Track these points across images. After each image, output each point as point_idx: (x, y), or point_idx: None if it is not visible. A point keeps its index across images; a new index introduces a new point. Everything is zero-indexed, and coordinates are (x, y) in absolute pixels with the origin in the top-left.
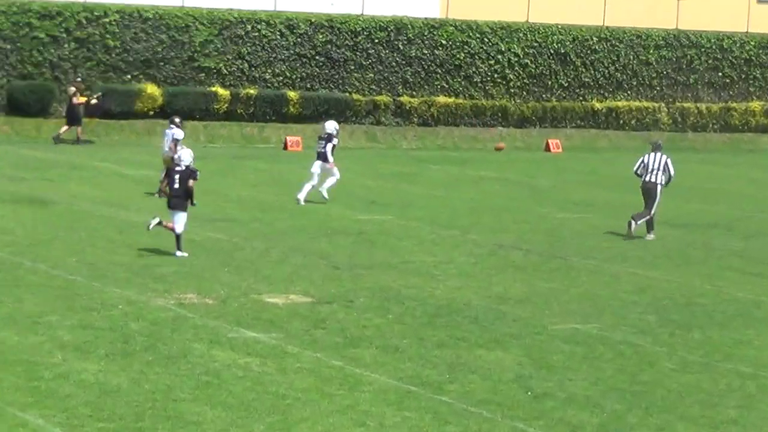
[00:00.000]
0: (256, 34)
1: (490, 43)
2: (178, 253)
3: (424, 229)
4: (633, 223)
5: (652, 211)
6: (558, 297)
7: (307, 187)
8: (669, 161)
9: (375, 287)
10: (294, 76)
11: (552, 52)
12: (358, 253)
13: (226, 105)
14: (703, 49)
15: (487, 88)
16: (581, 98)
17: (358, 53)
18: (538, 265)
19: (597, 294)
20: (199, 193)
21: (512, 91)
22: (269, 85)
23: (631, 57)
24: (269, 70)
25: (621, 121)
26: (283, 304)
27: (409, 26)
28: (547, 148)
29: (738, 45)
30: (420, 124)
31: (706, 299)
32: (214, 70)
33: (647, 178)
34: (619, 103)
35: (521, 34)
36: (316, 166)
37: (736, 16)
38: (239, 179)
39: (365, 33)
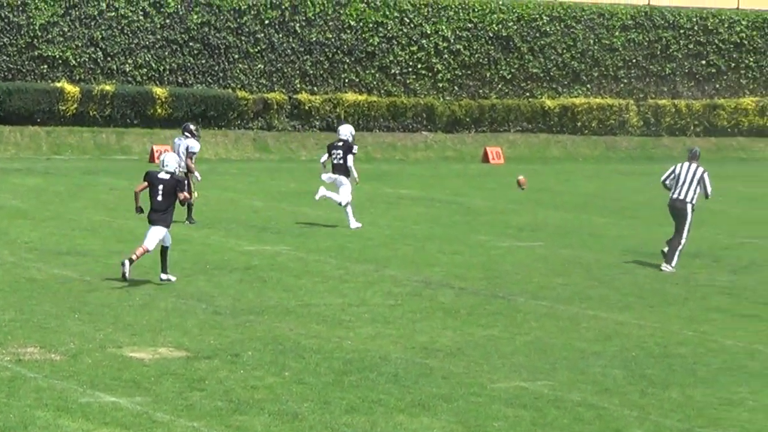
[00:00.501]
0: (113, 14)
1: (412, 25)
2: (164, 276)
3: (329, 262)
4: (666, 263)
5: (683, 238)
6: (499, 348)
7: (350, 211)
8: (706, 175)
9: (267, 337)
10: (162, 68)
11: (491, 35)
12: (244, 295)
13: (75, 105)
14: (681, 31)
15: (408, 82)
16: (528, 94)
17: (243, 38)
18: (474, 307)
19: (549, 343)
20: (41, 219)
21: (440, 85)
22: (130, 79)
23: (591, 41)
24: (130, 61)
25: (578, 123)
26: (149, 359)
27: (309, 3)
28: (485, 158)
29: (726, 25)
30: (323, 129)
31: (687, 348)
32: (60, 61)
33: (675, 194)
34: (576, 101)
35: (452, 13)
36: (328, 180)
37: None
38: (92, 201)
39: (252, 12)
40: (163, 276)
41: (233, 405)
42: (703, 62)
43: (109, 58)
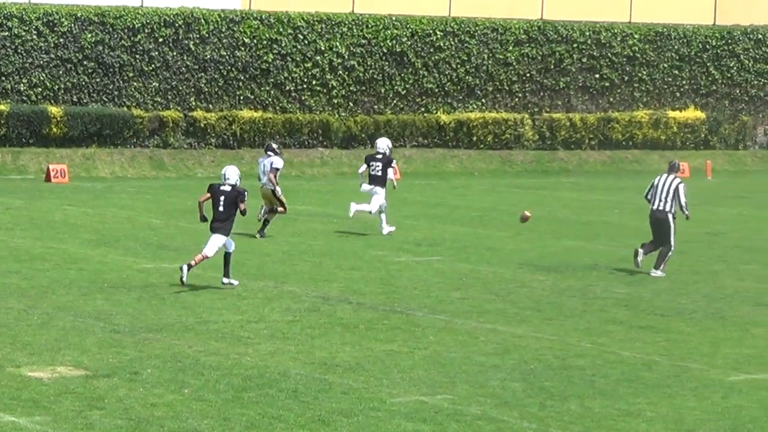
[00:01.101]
0: (6, 33)
1: (306, 41)
2: (225, 280)
3: None
4: (640, 252)
5: (671, 246)
6: (399, 362)
7: (384, 217)
8: (681, 186)
9: (166, 355)
10: (56, 87)
11: (385, 51)
12: (143, 312)
13: None
14: (575, 45)
15: (303, 98)
16: (423, 109)
17: (137, 56)
18: (373, 322)
19: (448, 357)
20: None
21: (335, 101)
22: (25, 98)
23: (486, 56)
24: (24, 80)
25: (474, 138)
26: (48, 378)
27: (202, 21)
28: None
29: (619, 39)
30: (219, 146)
31: (585, 360)
32: None
33: (655, 206)
34: (471, 115)
35: (345, 29)
36: (367, 189)
37: (616, 2)
38: None
39: (146, 30)
40: (225, 280)
41: (133, 423)
42: (597, 76)
43: (3, 78)
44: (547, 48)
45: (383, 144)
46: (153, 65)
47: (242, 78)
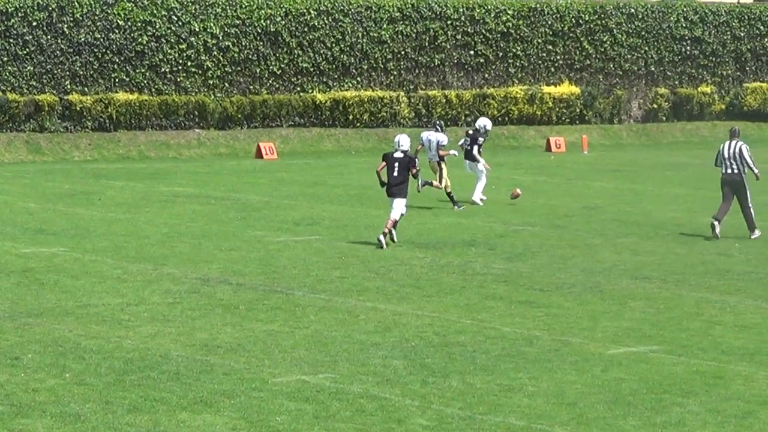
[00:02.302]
0: None
1: (180, 23)
2: (382, 238)
3: (106, 263)
4: (716, 223)
5: (749, 205)
6: (280, 342)
7: (479, 186)
8: (744, 148)
9: (46, 340)
10: None
11: (260, 31)
12: (23, 297)
13: None
14: (449, 22)
15: (178, 80)
16: (299, 89)
17: (11, 41)
18: (253, 302)
19: (329, 336)
20: None
21: (211, 82)
22: None
23: (360, 35)
24: None
25: (350, 117)
26: None
27: (76, 4)
28: (259, 154)
29: (492, 15)
30: (95, 129)
31: (466, 337)
32: None
33: (725, 170)
34: (347, 94)
35: (219, 10)
36: (467, 167)
37: None
38: None
39: (20, 14)
40: (380, 238)
41: (15, 408)
42: (472, 52)
43: None
44: (421, 25)
45: (480, 123)
46: (27, 49)
47: (117, 60)
